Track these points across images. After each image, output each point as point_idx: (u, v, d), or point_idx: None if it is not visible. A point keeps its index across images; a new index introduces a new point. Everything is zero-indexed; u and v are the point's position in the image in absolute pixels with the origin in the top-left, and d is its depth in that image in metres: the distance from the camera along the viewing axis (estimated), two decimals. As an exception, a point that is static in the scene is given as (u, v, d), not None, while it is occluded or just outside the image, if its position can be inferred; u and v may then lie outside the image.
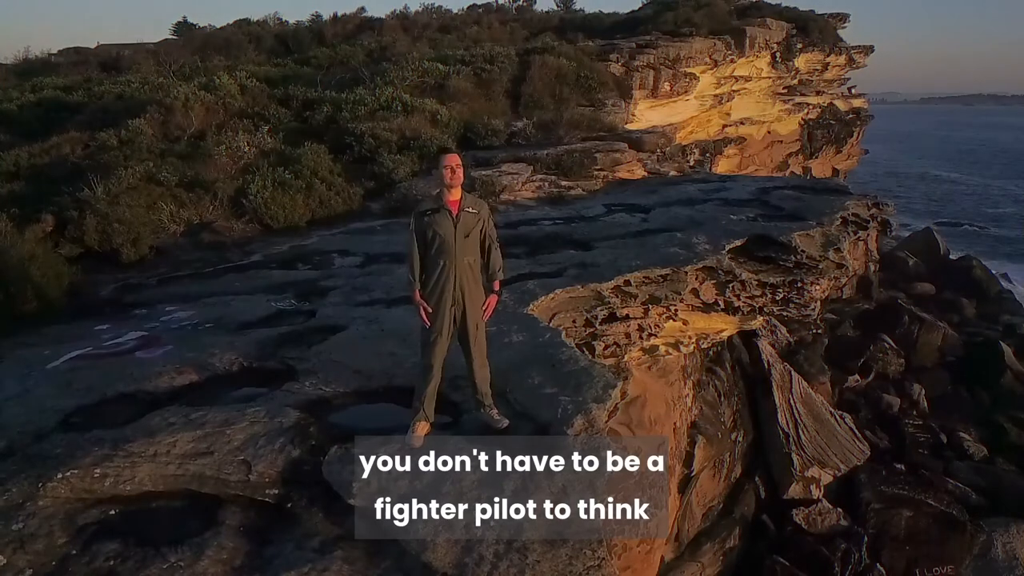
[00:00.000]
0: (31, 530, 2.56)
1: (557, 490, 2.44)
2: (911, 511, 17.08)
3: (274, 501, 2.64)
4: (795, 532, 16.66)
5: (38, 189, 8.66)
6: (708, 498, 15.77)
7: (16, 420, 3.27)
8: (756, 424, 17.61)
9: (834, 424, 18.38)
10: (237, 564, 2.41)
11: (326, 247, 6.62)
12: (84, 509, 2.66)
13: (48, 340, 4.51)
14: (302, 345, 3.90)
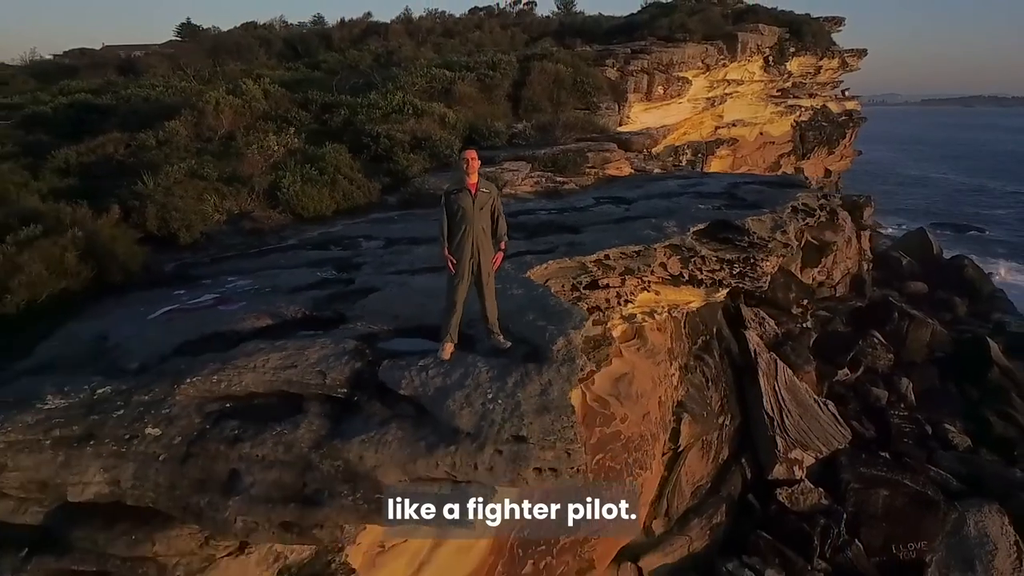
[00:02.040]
0: (175, 413, 3.68)
1: (544, 382, 3.55)
2: (888, 491, 18.19)
3: (344, 397, 3.75)
4: (779, 510, 17.83)
5: (90, 184, 9.78)
6: (697, 477, 16.92)
7: (141, 350, 4.38)
8: (743, 409, 18.78)
9: (817, 410, 19.46)
10: (322, 433, 3.52)
11: (352, 233, 7.73)
12: (209, 402, 3.77)
13: (138, 302, 5.63)
14: (348, 301, 5.01)
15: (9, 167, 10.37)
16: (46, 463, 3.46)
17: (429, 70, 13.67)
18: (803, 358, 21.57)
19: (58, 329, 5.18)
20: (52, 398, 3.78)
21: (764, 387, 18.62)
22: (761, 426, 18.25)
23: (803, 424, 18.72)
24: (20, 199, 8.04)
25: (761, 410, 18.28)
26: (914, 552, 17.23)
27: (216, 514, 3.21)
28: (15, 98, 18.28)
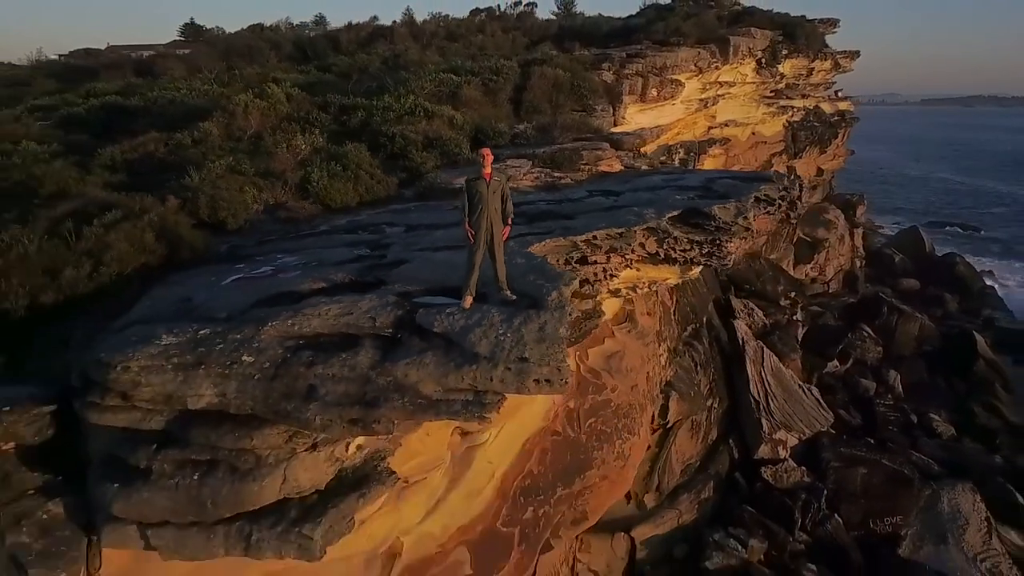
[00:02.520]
0: (262, 347, 4.92)
1: (542, 322, 4.77)
2: (867, 469, 19.47)
3: (389, 335, 4.98)
4: (764, 487, 19.14)
5: (136, 179, 11.00)
6: (686, 456, 18.20)
7: (225, 306, 5.62)
8: (731, 393, 20.07)
9: (801, 395, 20.74)
10: (376, 359, 4.76)
11: (376, 221, 8.96)
12: (287, 339, 5.01)
13: (206, 273, 6.87)
14: (384, 270, 6.23)
15: (62, 164, 11.61)
16: (170, 381, 4.69)
17: (437, 75, 14.92)
18: (789, 347, 22.84)
19: (146, 294, 6.41)
20: (166, 336, 5.01)
21: (751, 373, 19.89)
22: (748, 409, 19.53)
23: (787, 407, 19.99)
24: (82, 191, 9.28)
25: (748, 394, 19.56)
26: (890, 526, 18.52)
27: (300, 415, 4.43)
28: (44, 99, 19.52)
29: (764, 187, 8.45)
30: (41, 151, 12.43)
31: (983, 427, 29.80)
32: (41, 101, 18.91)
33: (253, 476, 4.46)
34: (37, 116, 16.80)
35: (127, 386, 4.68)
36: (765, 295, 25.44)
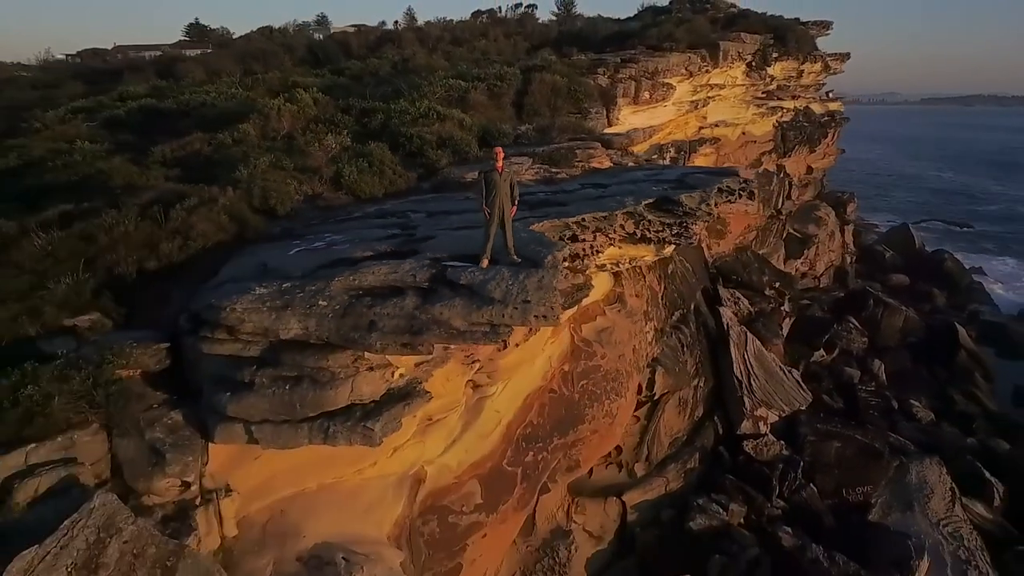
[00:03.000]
0: (333, 295, 6.69)
1: (540, 276, 6.54)
2: (840, 443, 21.27)
3: (426, 287, 6.74)
4: (746, 460, 20.93)
5: (188, 173, 12.75)
6: (674, 431, 19.98)
7: (297, 268, 7.39)
8: (716, 374, 21.85)
9: (782, 376, 22.55)
10: (418, 303, 6.52)
11: (400, 208, 10.72)
12: (350, 290, 6.78)
13: (272, 248, 8.63)
14: (416, 243, 7.99)
15: (120, 160, 13.37)
16: (266, 318, 6.45)
17: (447, 81, 16.70)
18: (772, 332, 24.61)
19: (228, 262, 8.18)
20: (258, 288, 6.78)
21: (735, 355, 21.68)
22: (731, 388, 21.32)
23: (768, 387, 21.78)
24: (154, 183, 11.05)
25: (732, 374, 21.34)
26: (861, 495, 20.32)
27: (365, 341, 6.18)
28: (81, 102, 21.26)
29: (726, 180, 10.20)
30: (98, 149, 14.20)
31: (961, 412, 31.76)
32: (79, 104, 20.64)
33: (329, 387, 6.21)
34: (82, 118, 18.54)
35: (234, 323, 6.44)
36: (751, 285, 27.21)
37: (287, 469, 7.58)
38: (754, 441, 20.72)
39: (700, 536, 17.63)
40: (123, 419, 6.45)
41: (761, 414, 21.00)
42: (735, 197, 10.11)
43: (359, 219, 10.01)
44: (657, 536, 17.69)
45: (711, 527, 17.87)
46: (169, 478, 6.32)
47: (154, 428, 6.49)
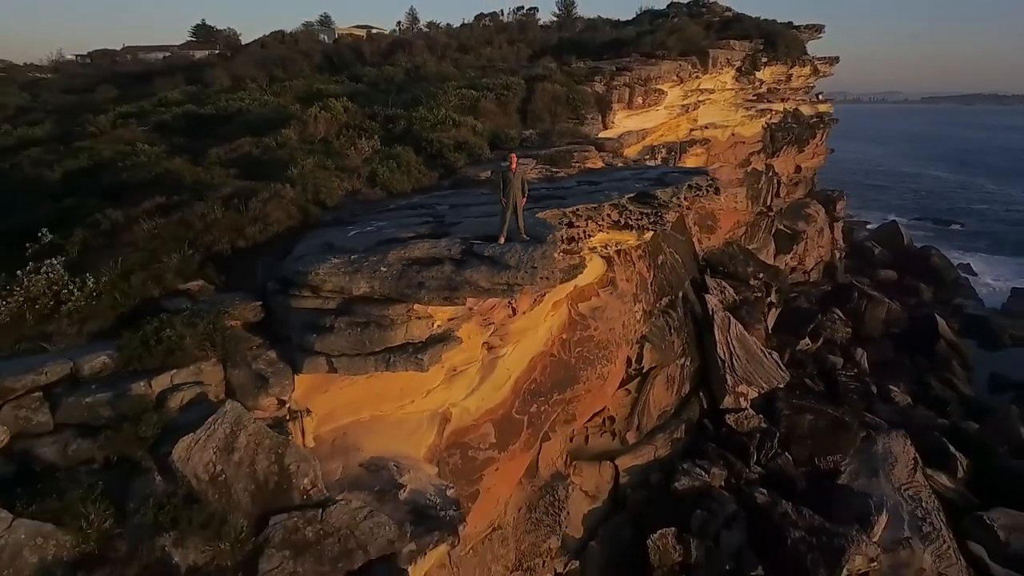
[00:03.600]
0: (390, 263, 9.11)
1: (544, 249, 8.95)
2: (813, 416, 23.73)
3: (459, 258, 9.16)
4: (727, 431, 23.40)
5: (243, 172, 15.13)
6: (663, 405, 22.41)
7: (358, 245, 9.80)
8: (702, 354, 24.31)
9: (762, 357, 25.04)
10: (453, 269, 8.94)
11: (428, 202, 13.13)
12: (402, 260, 9.20)
13: (330, 232, 11.04)
14: (447, 227, 10.40)
15: (181, 161, 15.79)
16: (341, 280, 8.87)
17: (459, 91, 19.14)
18: (755, 318, 27.07)
19: (298, 244, 10.59)
20: (333, 259, 9.20)
21: (718, 337, 24.14)
22: (715, 367, 23.78)
23: (749, 366, 24.24)
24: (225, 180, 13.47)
25: (715, 354, 23.81)
26: (831, 463, 22.81)
27: (416, 295, 8.59)
28: (125, 107, 23.70)
29: (696, 178, 12.60)
30: (159, 151, 16.63)
31: (937, 397, 34.42)
32: (124, 109, 23.06)
33: (390, 329, 8.63)
34: (131, 122, 20.97)
35: (317, 284, 8.86)
36: (737, 276, 29.63)
37: (347, 403, 10.01)
38: (735, 415, 23.20)
39: (684, 495, 20.08)
40: (235, 354, 8.88)
41: (742, 390, 23.45)
42: (703, 192, 12.48)
43: (395, 210, 12.43)
44: (646, 496, 20.13)
45: (694, 488, 20.31)
46: (270, 397, 8.74)
47: (257, 361, 8.91)
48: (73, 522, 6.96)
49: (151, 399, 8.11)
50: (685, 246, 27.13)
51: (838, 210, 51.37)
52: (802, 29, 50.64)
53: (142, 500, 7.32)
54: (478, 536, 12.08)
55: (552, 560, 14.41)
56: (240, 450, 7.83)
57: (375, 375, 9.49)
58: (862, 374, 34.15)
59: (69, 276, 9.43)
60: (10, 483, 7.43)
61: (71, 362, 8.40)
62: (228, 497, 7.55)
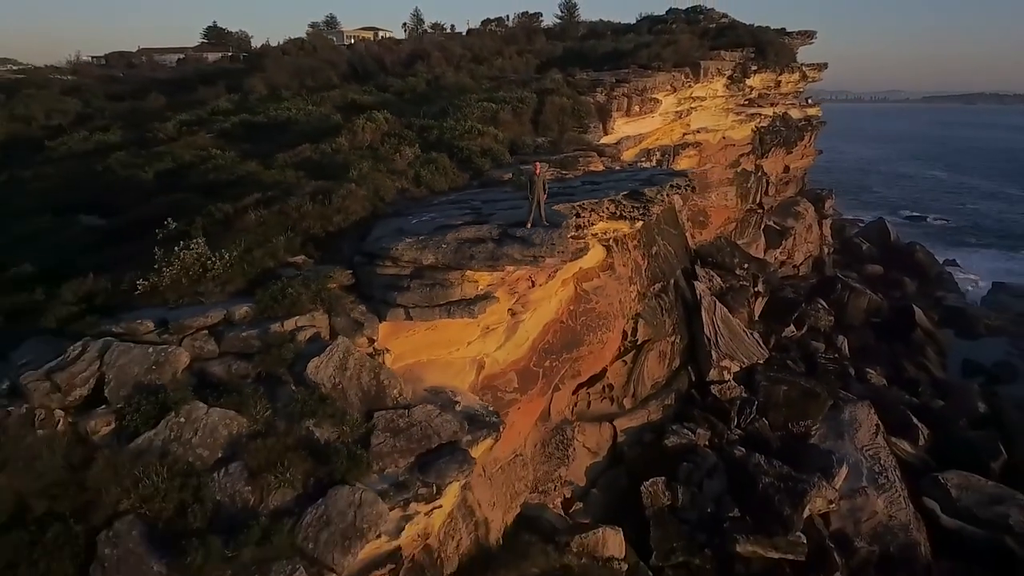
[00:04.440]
0: (448, 242, 12.84)
1: (560, 232, 12.64)
2: (787, 386, 27.51)
3: (497, 238, 12.86)
4: (712, 400, 27.18)
5: (308, 173, 18.81)
6: (655, 376, 26.13)
7: (422, 229, 13.52)
8: (690, 333, 28.07)
9: (743, 336, 28.84)
10: (494, 246, 12.64)
11: (464, 198, 16.84)
12: (457, 239, 12.92)
13: (398, 220, 14.76)
14: (485, 216, 14.11)
15: (255, 163, 19.49)
16: (414, 253, 12.57)
17: (481, 104, 22.87)
18: (739, 303, 30.83)
19: (373, 229, 14.29)
20: (407, 239, 12.92)
21: (705, 319, 27.88)
22: (702, 344, 27.53)
23: (732, 344, 28.00)
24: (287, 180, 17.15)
25: (702, 333, 27.55)
26: (803, 427, 26.55)
27: (469, 265, 12.27)
28: (183, 115, 27.40)
29: (677, 179, 16.31)
30: (234, 156, 20.34)
31: (910, 379, 38.38)
32: (184, 117, 26.77)
33: (450, 288, 12.33)
34: (194, 129, 24.68)
35: (397, 256, 12.58)
36: (724, 266, 33.36)
37: (412, 348, 13.72)
38: (719, 385, 26.95)
39: (673, 452, 23.81)
40: (336, 307, 12.59)
41: (725, 364, 27.20)
42: (682, 190, 16.16)
43: (440, 205, 16.16)
44: (640, 452, 23.86)
45: (682, 445, 24.04)
46: (363, 337, 12.45)
47: (352, 312, 12.63)
48: (246, 411, 10.68)
49: (285, 335, 11.81)
50: (678, 239, 30.87)
51: (827, 208, 55.12)
52: (794, 35, 54.44)
53: (287, 400, 11.03)
54: (505, 459, 15.76)
55: (562, 487, 18.14)
56: (350, 369, 11.55)
57: (432, 327, 13.24)
58: (842, 358, 37.91)
59: (209, 251, 13.15)
60: (195, 389, 11.10)
61: (224, 310, 12.12)
62: (344, 399, 11.26)
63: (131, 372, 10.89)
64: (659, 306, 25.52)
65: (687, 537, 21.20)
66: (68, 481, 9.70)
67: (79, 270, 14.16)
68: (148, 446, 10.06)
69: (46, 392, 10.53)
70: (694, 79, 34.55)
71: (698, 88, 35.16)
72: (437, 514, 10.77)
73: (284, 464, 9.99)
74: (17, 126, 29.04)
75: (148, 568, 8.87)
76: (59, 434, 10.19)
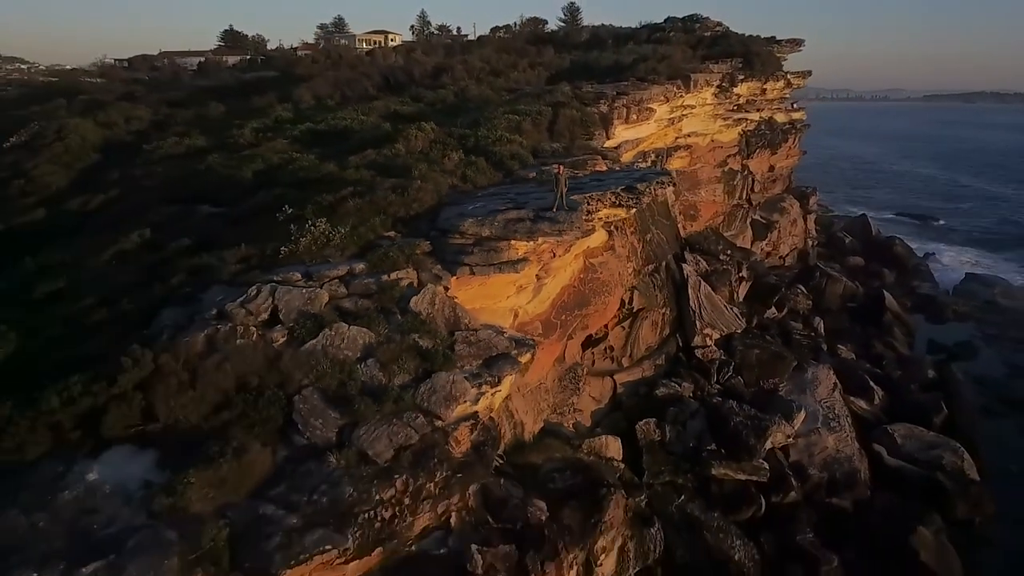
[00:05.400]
0: (497, 221, 19.03)
1: (576, 214, 18.82)
2: (759, 350, 33.90)
3: (532, 218, 19.06)
4: (696, 361, 33.50)
5: (376, 173, 24.93)
6: (648, 341, 32.43)
7: (476, 213, 19.69)
8: (679, 306, 34.32)
9: (723, 309, 35.21)
10: (531, 223, 18.83)
11: (501, 191, 23.08)
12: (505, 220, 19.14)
13: (458, 206, 20.96)
14: (521, 204, 20.28)
15: (333, 165, 25.67)
16: (477, 229, 18.78)
17: (506, 116, 29.08)
18: (721, 283, 37.15)
19: (441, 213, 20.47)
20: (469, 219, 19.13)
21: (691, 294, 34.14)
22: (688, 315, 33.80)
23: (714, 316, 34.28)
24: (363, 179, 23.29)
25: (688, 306, 33.81)
26: (772, 384, 32.86)
27: (514, 235, 18.46)
28: (253, 123, 33.52)
29: (662, 177, 22.51)
30: (313, 158, 26.51)
31: (877, 354, 44.91)
32: (256, 124, 32.91)
33: (500, 253, 18.49)
34: (268, 135, 30.83)
35: (464, 231, 18.79)
36: (709, 252, 39.64)
37: (469, 297, 19.89)
38: (702, 349, 33.22)
39: (663, 400, 30.03)
40: (421, 266, 18.79)
41: (708, 332, 33.48)
42: (665, 186, 22.36)
43: (484, 196, 22.37)
44: (636, 401, 30.09)
45: (670, 395, 30.28)
46: (441, 286, 18.62)
47: (433, 269, 18.81)
48: (374, 328, 16.84)
49: (391, 282, 17.97)
50: (670, 229, 37.14)
51: (811, 204, 61.48)
52: (783, 43, 60.85)
53: (398, 323, 17.18)
54: (533, 384, 21.90)
55: (573, 413, 24.31)
56: (437, 304, 17.74)
57: (484, 283, 19.41)
58: (817, 336, 44.23)
59: (330, 228, 19.30)
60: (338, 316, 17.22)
61: (348, 266, 18.31)
62: (435, 323, 17.45)
63: (294, 304, 17.06)
64: (652, 283, 31.78)
65: (673, 464, 27.43)
66: (268, 368, 15.84)
67: (224, 243, 20.37)
68: (313, 348, 16.20)
69: (243, 316, 16.68)
70: (685, 90, 40.76)
71: (689, 98, 41.37)
72: (497, 396, 16.87)
73: (402, 360, 16.16)
74: (107, 132, 35.10)
75: (328, 414, 15.01)
76: (255, 341, 16.33)
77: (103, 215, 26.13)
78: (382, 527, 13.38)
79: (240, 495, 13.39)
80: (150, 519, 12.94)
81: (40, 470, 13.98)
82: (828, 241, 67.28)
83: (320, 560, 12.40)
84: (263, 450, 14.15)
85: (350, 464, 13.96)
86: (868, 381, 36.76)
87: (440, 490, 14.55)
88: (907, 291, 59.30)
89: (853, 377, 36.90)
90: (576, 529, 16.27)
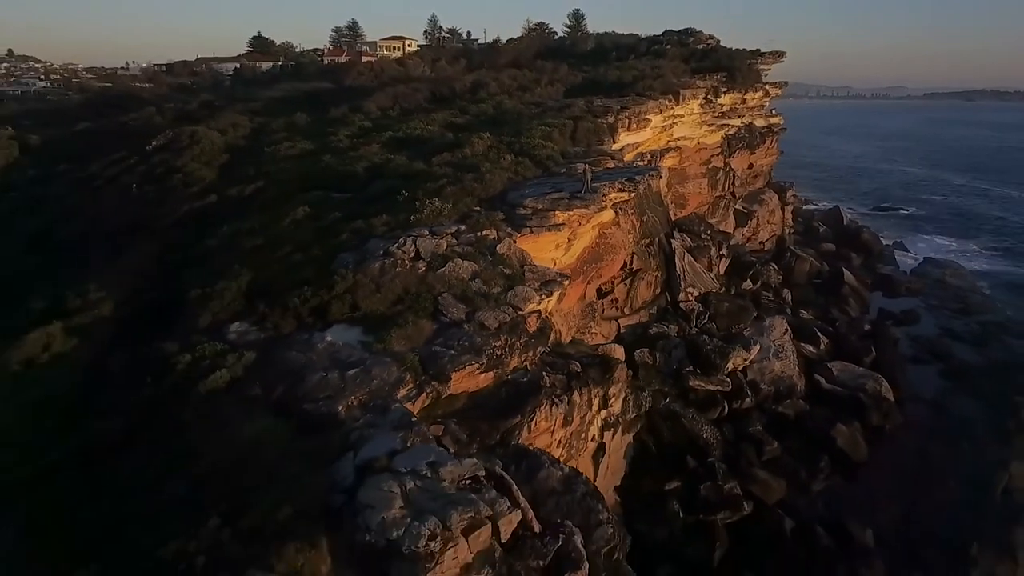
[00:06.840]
0: (547, 197, 31.95)
1: (599, 194, 31.75)
2: (728, 303, 47.64)
3: (569, 196, 32.01)
4: (680, 311, 46.87)
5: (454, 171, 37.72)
6: (644, 297, 46.08)
7: (532, 193, 32.65)
8: (668, 270, 47.56)
9: (703, 274, 48.65)
10: (569, 200, 31.77)
11: (542, 181, 36.19)
12: (552, 199, 32.09)
13: (517, 192, 33.93)
14: (558, 188, 33.20)
15: (421, 164, 38.62)
16: (534, 203, 31.72)
17: (540, 127, 42.02)
18: (702, 255, 50.44)
19: (507, 195, 33.41)
20: (528, 198, 32.10)
21: (677, 262, 47.36)
22: (675, 278, 47.00)
23: (695, 278, 47.48)
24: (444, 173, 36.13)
25: (675, 271, 46.95)
26: (738, 329, 46.07)
27: (556, 208, 31.39)
28: (345, 131, 46.24)
29: (651, 172, 35.34)
30: (405, 160, 39.47)
31: (832, 317, 58.32)
32: (348, 132, 45.66)
33: (549, 219, 31.37)
34: (361, 141, 43.64)
35: (526, 204, 31.74)
36: (693, 232, 52.70)
37: (527, 249, 32.80)
38: (685, 303, 46.40)
39: (654, 336, 43.25)
40: (499, 227, 31.73)
41: (690, 290, 46.66)
42: (654, 178, 35.20)
43: (533, 184, 35.45)
44: (634, 339, 43.18)
45: (660, 333, 43.47)
46: (511, 239, 31.53)
47: (507, 228, 31.73)
48: (475, 262, 29.76)
49: (482, 237, 30.83)
50: (662, 213, 50.22)
51: (788, 197, 74.76)
52: (767, 56, 74.21)
53: (488, 261, 30.07)
54: (566, 311, 34.76)
55: (591, 336, 37.22)
56: (511, 250, 30.66)
57: (536, 240, 32.29)
58: (784, 303, 57.34)
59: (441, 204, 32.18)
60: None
61: (455, 227, 31.25)
62: (511, 261, 30.34)
63: (428, 247, 29.93)
64: (648, 252, 44.88)
65: (661, 378, 40.45)
66: (419, 282, 28.68)
67: (364, 215, 33.31)
68: (443, 272, 29.05)
69: (399, 254, 29.52)
70: (676, 103, 53.85)
71: (679, 109, 54.49)
72: (550, 302, 29.71)
73: (495, 280, 28.98)
74: (224, 137, 47.76)
75: (459, 305, 27.82)
76: (408, 268, 29.17)
77: (256, 199, 39.00)
78: (494, 360, 26.25)
79: (419, 343, 26.31)
80: (371, 355, 25.90)
81: (296, 337, 26.92)
82: (805, 230, 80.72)
83: (468, 369, 25.22)
84: (427, 322, 27.08)
85: (475, 330, 26.89)
86: (817, 333, 50.08)
87: (523, 347, 27.43)
88: (870, 271, 72.69)
89: (806, 329, 50.21)
90: (598, 377, 28.99)
